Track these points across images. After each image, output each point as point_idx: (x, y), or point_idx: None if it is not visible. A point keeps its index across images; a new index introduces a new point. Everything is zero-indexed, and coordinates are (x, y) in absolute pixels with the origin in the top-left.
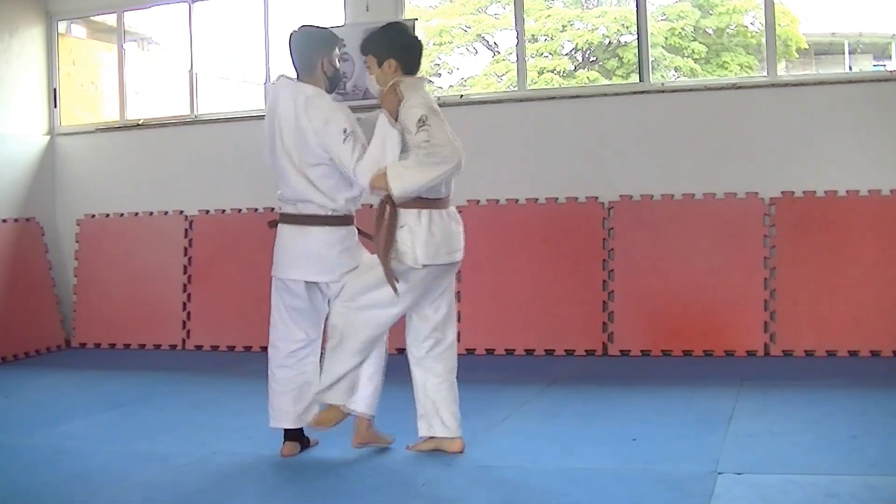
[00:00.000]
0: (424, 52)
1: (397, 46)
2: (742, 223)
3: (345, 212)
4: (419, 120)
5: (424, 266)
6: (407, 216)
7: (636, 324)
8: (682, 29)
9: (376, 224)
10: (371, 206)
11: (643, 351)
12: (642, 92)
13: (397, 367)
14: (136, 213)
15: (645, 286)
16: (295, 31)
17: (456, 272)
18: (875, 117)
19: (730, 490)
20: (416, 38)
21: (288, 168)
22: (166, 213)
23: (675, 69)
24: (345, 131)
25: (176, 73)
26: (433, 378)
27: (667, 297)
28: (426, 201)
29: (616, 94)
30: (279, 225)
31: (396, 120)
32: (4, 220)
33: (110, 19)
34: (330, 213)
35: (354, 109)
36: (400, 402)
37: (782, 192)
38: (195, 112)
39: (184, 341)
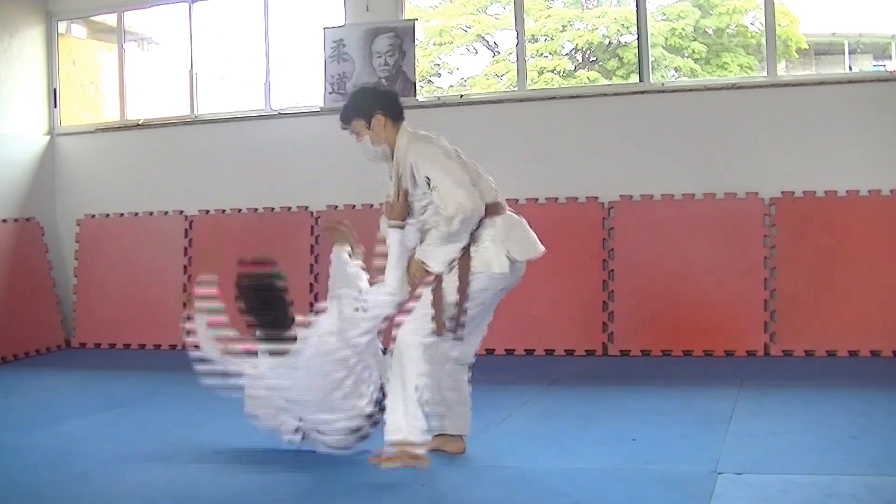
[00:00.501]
0: (424, 53)
1: (377, 99)
2: (742, 223)
3: None
4: (426, 181)
5: (517, 265)
6: (482, 228)
7: (636, 324)
8: (682, 29)
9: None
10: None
11: (643, 351)
12: (642, 92)
13: None
14: (136, 213)
15: (645, 286)
16: (246, 278)
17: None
18: (875, 117)
19: (730, 490)
20: (388, 88)
21: None
22: (166, 213)
23: (675, 69)
24: (357, 304)
25: (176, 73)
26: (448, 376)
27: (667, 297)
28: (493, 206)
29: (616, 94)
30: None
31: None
32: (4, 220)
33: (110, 19)
34: None
35: None
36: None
37: (782, 192)
38: (195, 112)
39: (184, 341)
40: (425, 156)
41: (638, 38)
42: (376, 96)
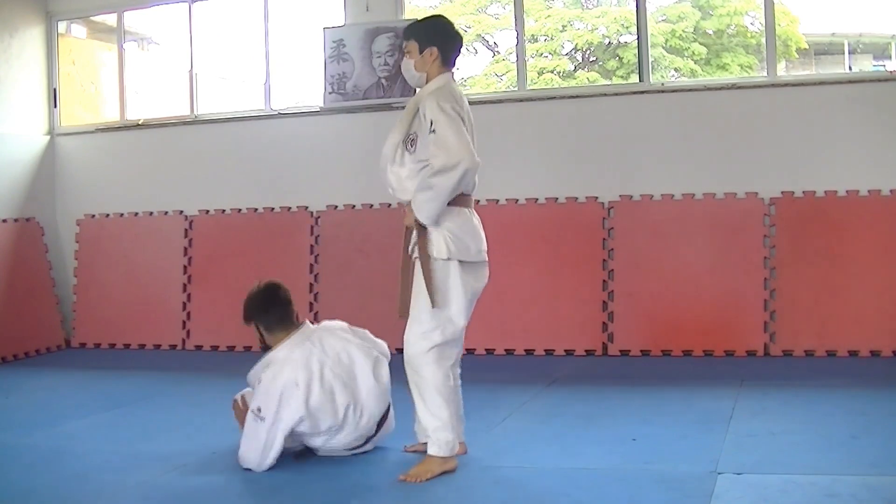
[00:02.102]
0: None
1: (441, 35)
2: (742, 223)
3: None
4: (431, 122)
5: (450, 259)
6: (444, 218)
7: (636, 324)
8: (683, 31)
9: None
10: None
11: (643, 351)
12: (642, 92)
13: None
14: (136, 213)
15: (645, 286)
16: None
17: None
18: (875, 117)
19: (730, 490)
20: (459, 32)
21: None
22: (166, 213)
23: (675, 70)
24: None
25: (176, 73)
26: (455, 381)
27: (667, 297)
28: (464, 199)
29: (616, 94)
30: None
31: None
32: (4, 220)
33: (110, 19)
34: None
35: (352, 109)
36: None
37: (782, 192)
38: (195, 112)
39: (184, 341)
40: (439, 102)
41: (638, 39)
42: (440, 33)
